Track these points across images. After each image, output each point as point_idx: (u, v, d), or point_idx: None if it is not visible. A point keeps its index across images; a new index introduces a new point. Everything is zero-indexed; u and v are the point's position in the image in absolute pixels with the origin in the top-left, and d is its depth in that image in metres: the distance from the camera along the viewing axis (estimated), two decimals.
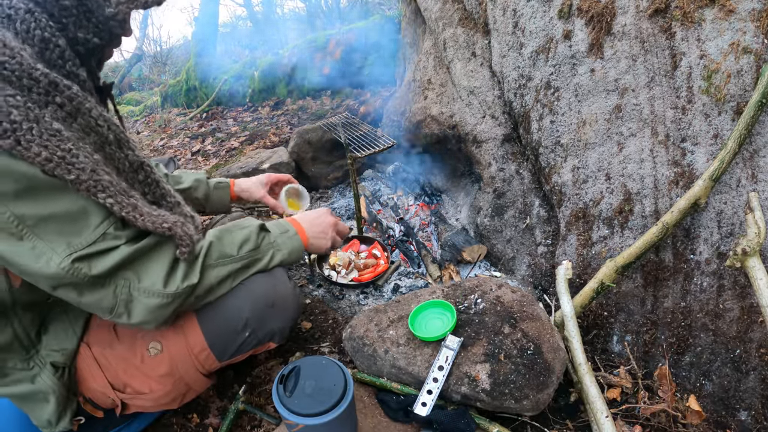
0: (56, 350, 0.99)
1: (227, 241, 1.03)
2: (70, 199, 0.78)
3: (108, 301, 0.84)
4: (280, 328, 1.18)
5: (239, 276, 1.05)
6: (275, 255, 1.10)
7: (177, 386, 1.12)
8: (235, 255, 1.02)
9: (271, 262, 1.10)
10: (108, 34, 0.88)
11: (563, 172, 1.66)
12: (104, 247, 0.81)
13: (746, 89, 1.25)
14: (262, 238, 1.09)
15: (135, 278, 0.85)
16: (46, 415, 1.01)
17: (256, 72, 4.63)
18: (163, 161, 1.75)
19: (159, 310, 0.88)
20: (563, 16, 1.65)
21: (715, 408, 1.27)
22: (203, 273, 0.95)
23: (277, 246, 1.11)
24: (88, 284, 0.81)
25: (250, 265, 1.06)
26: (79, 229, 0.79)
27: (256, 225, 1.10)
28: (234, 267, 1.02)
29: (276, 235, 1.12)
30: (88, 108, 0.81)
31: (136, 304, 0.86)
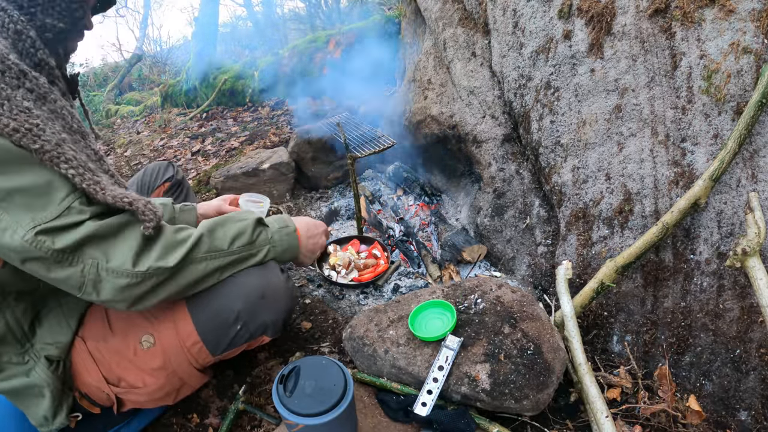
0: (50, 343, 1.00)
1: (219, 234, 1.01)
2: (37, 172, 0.79)
3: (75, 280, 0.84)
4: (272, 320, 1.18)
5: (228, 270, 1.04)
6: (269, 252, 1.10)
7: (171, 380, 1.12)
8: (225, 249, 1.01)
9: (265, 258, 1.09)
10: (71, 18, 0.94)
11: (563, 172, 1.66)
12: (68, 221, 0.81)
13: (746, 89, 1.25)
14: (258, 233, 1.08)
15: (103, 258, 0.84)
16: (42, 411, 1.01)
17: (256, 72, 4.63)
18: (162, 166, 1.75)
19: (128, 289, 0.87)
20: (563, 16, 1.65)
21: (715, 408, 1.27)
22: (189, 265, 0.94)
23: (273, 242, 1.10)
24: (53, 260, 0.81)
25: (241, 261, 1.05)
26: (44, 203, 0.80)
27: (253, 219, 1.08)
28: (223, 261, 1.01)
29: (274, 230, 1.11)
30: (53, 98, 0.87)
31: (104, 284, 0.85)
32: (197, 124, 4.52)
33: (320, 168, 2.83)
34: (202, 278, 0.99)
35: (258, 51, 7.72)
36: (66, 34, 0.95)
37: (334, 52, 3.96)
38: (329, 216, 2.58)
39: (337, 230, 2.42)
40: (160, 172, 1.72)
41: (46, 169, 0.80)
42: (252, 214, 1.10)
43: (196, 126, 4.48)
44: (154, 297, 0.92)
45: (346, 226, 2.46)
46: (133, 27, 13.97)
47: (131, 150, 4.26)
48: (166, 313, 1.10)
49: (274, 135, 3.59)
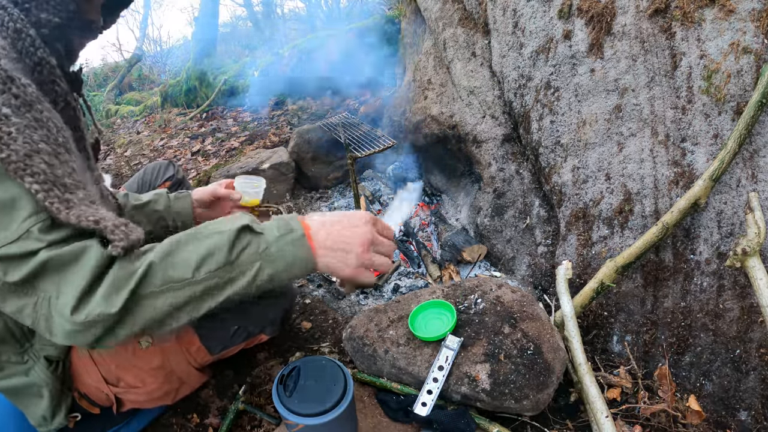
0: (50, 344, 0.99)
1: (179, 258, 0.77)
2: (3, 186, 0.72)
3: (28, 313, 0.74)
4: (270, 319, 1.18)
5: (203, 303, 0.79)
6: (261, 270, 0.80)
7: (169, 380, 1.12)
8: (189, 278, 0.76)
9: (256, 280, 0.80)
10: (65, 12, 0.89)
11: (563, 172, 1.66)
12: (23, 249, 0.71)
13: (746, 89, 1.25)
14: (243, 247, 0.79)
15: (54, 293, 0.72)
16: (41, 410, 1.01)
17: (256, 72, 4.63)
18: (162, 165, 1.74)
19: (76, 335, 0.73)
20: (563, 16, 1.65)
21: (715, 408, 1.27)
22: (140, 304, 0.74)
23: (268, 256, 0.80)
24: (6, 290, 0.73)
25: (219, 288, 0.78)
26: (6, 222, 0.71)
27: (234, 229, 0.80)
28: (192, 292, 0.77)
29: (271, 240, 0.81)
30: (40, 108, 0.80)
31: (55, 324, 0.73)
32: (197, 124, 4.52)
33: (320, 168, 2.83)
34: (169, 315, 0.77)
35: (258, 51, 7.72)
36: (63, 30, 0.91)
37: (334, 52, 3.96)
38: None
39: None
40: (160, 172, 1.72)
41: (14, 182, 0.72)
42: (234, 221, 0.82)
43: (196, 126, 4.48)
44: (112, 339, 0.76)
45: None
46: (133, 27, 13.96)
47: (131, 150, 4.26)
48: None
49: (274, 135, 3.59)
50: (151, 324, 0.77)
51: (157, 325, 0.77)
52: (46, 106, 0.83)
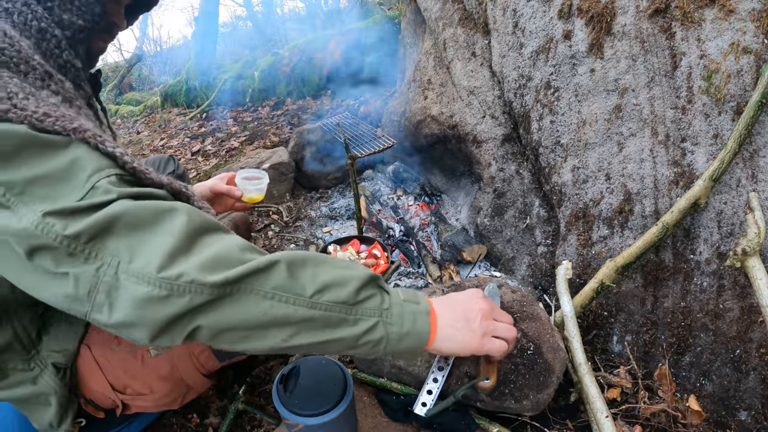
0: (57, 351, 0.98)
1: (304, 273, 0.69)
2: (64, 155, 0.65)
3: (86, 281, 0.61)
4: None
5: (302, 334, 0.68)
6: (377, 327, 0.71)
7: (177, 387, 1.12)
8: (305, 297, 0.67)
9: (367, 335, 0.70)
10: (90, 15, 0.85)
11: (563, 172, 1.66)
12: (89, 203, 0.62)
13: (746, 89, 1.25)
14: (368, 295, 0.72)
15: (126, 254, 0.61)
16: (48, 418, 1.01)
17: (256, 72, 4.63)
18: (163, 159, 1.73)
19: (148, 305, 0.60)
20: (563, 16, 1.65)
21: (715, 408, 1.27)
22: (244, 294, 0.64)
23: (388, 317, 0.72)
24: (64, 250, 0.61)
25: (324, 324, 0.68)
26: (69, 188, 0.63)
27: (368, 274, 0.74)
28: (297, 314, 0.66)
29: (395, 301, 0.74)
30: (79, 105, 0.78)
31: (121, 293, 0.61)
32: (197, 124, 4.52)
33: (320, 168, 2.83)
34: (262, 325, 0.65)
35: (258, 51, 7.72)
36: (87, 33, 0.86)
37: (334, 53, 3.96)
38: None
39: (337, 230, 2.42)
40: (161, 166, 1.70)
41: (80, 147, 0.66)
42: (366, 270, 0.74)
43: (196, 126, 4.48)
44: (185, 327, 0.63)
45: (346, 226, 2.46)
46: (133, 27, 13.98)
47: (131, 150, 4.26)
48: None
49: (274, 135, 3.59)
50: (237, 326, 0.65)
51: (243, 332, 0.66)
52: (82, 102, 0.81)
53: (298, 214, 2.58)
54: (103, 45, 0.94)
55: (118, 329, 0.63)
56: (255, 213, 2.60)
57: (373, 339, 0.71)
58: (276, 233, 2.37)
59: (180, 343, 0.64)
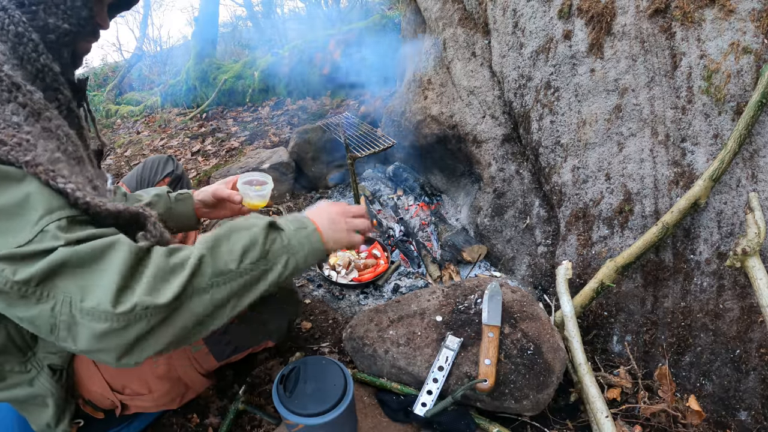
0: (53, 353, 0.98)
1: (224, 251, 0.78)
2: (16, 189, 0.66)
3: (44, 321, 0.65)
4: (277, 326, 1.18)
5: (244, 298, 0.79)
6: (289, 261, 0.85)
7: (176, 386, 1.12)
8: (234, 270, 0.77)
9: (284, 272, 0.84)
10: (76, 18, 0.85)
11: (563, 172, 1.66)
12: (37, 248, 0.64)
13: (746, 89, 1.25)
14: (273, 240, 0.84)
15: (78, 294, 0.65)
16: (46, 418, 1.00)
17: (256, 72, 4.63)
18: (162, 159, 1.72)
19: (109, 337, 0.65)
20: (563, 16, 1.65)
21: (715, 408, 1.27)
22: (191, 298, 0.72)
23: (292, 249, 0.86)
24: (16, 294, 0.64)
25: (256, 281, 0.80)
26: (19, 227, 0.65)
27: (263, 223, 0.85)
28: (234, 286, 0.77)
29: (290, 234, 0.87)
30: (48, 116, 0.77)
31: (80, 329, 0.65)
32: (197, 124, 4.52)
33: (320, 168, 2.83)
34: (212, 313, 0.75)
35: (258, 51, 7.72)
36: (72, 36, 0.86)
37: (334, 53, 3.96)
38: None
39: None
40: (160, 167, 1.68)
41: (33, 183, 0.67)
42: (261, 219, 0.87)
43: (196, 126, 4.48)
44: (147, 347, 0.69)
45: None
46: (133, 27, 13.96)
47: (131, 150, 4.26)
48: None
49: (274, 135, 3.59)
50: (191, 327, 0.73)
51: (197, 329, 0.74)
52: (54, 113, 0.80)
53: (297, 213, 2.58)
54: (88, 46, 0.94)
55: (86, 354, 0.68)
56: None
57: (289, 271, 0.84)
58: None
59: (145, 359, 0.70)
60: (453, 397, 1.14)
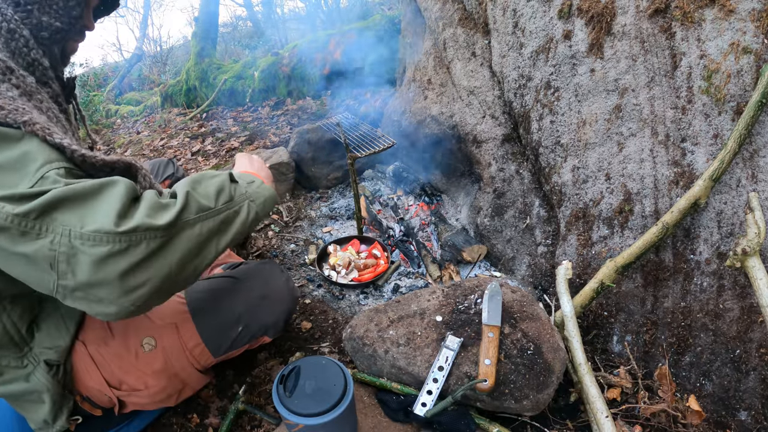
0: (49, 348, 0.98)
1: (202, 190, 0.85)
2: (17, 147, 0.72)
3: (45, 256, 0.67)
4: (273, 321, 1.19)
5: (223, 235, 0.86)
6: (251, 207, 0.94)
7: (172, 382, 1.12)
8: (213, 207, 0.84)
9: (248, 215, 0.93)
10: (68, 17, 0.91)
11: (563, 172, 1.66)
12: (38, 189, 0.68)
13: (746, 89, 1.25)
14: (234, 188, 0.93)
15: (77, 223, 0.67)
16: (42, 414, 1.01)
17: (256, 72, 4.63)
18: (162, 162, 1.73)
19: (112, 261, 0.67)
20: (563, 16, 1.65)
21: (715, 408, 1.27)
22: (184, 229, 0.77)
23: (250, 196, 0.96)
24: (17, 229, 0.66)
25: (228, 220, 0.88)
26: (19, 178, 0.69)
27: (225, 174, 0.94)
28: (215, 222, 0.84)
29: (244, 186, 0.97)
30: (40, 98, 0.83)
31: (80, 258, 0.67)
32: (197, 124, 4.52)
33: (320, 168, 2.83)
34: (201, 246, 0.81)
35: (258, 51, 7.72)
36: (63, 34, 0.92)
37: (334, 53, 3.96)
38: None
39: (337, 230, 2.42)
40: (159, 170, 1.70)
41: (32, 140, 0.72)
42: (221, 172, 0.95)
43: (196, 126, 4.48)
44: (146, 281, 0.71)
45: (346, 226, 2.46)
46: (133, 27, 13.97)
47: (131, 150, 4.26)
48: (167, 315, 1.10)
49: (274, 135, 3.59)
50: (187, 258, 0.77)
51: (192, 261, 0.79)
52: (45, 96, 0.86)
53: (298, 214, 2.58)
54: (75, 46, 1.00)
55: (85, 291, 0.69)
56: None
57: (253, 215, 0.94)
58: (276, 233, 2.37)
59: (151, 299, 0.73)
60: (453, 397, 1.14)
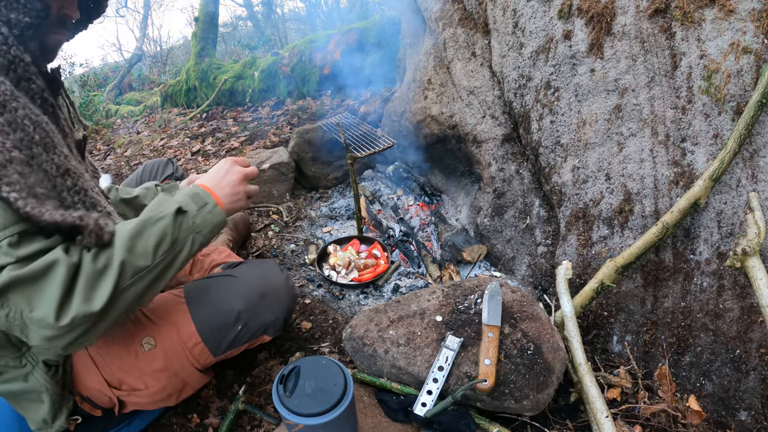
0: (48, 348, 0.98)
1: (140, 251, 0.86)
2: None
3: (2, 322, 0.77)
4: (272, 320, 1.19)
5: (159, 283, 0.90)
6: (195, 240, 0.94)
7: (172, 382, 1.12)
8: (150, 264, 0.86)
9: (192, 249, 0.93)
10: (35, 11, 0.88)
11: (563, 172, 1.66)
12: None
13: (746, 89, 1.25)
14: (179, 224, 0.91)
15: (27, 306, 0.76)
16: (41, 414, 1.01)
17: (256, 72, 4.63)
18: (161, 162, 1.74)
19: (56, 339, 0.79)
20: (563, 16, 1.65)
21: (715, 408, 1.27)
22: (118, 299, 0.82)
23: (197, 228, 0.94)
24: None
25: (169, 266, 0.90)
26: None
27: (172, 211, 0.91)
28: (152, 277, 0.87)
29: (194, 214, 0.94)
30: (15, 107, 0.80)
31: (31, 331, 0.78)
32: (197, 124, 4.52)
33: (320, 168, 2.83)
34: (134, 303, 0.87)
35: (258, 51, 7.72)
36: (34, 29, 0.89)
37: (334, 53, 3.96)
38: None
39: (337, 230, 2.42)
40: (159, 170, 1.71)
41: None
42: (170, 205, 0.92)
43: (196, 126, 4.48)
44: (88, 339, 0.83)
45: (346, 226, 2.46)
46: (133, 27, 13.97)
47: (131, 150, 4.26)
48: (166, 314, 1.10)
49: (274, 135, 3.59)
50: (119, 316, 0.85)
51: (123, 315, 0.86)
52: (21, 102, 0.82)
53: (298, 214, 2.58)
54: (58, 38, 0.95)
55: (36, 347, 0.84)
56: (255, 213, 2.60)
57: (196, 248, 0.93)
58: (276, 233, 2.37)
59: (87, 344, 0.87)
60: (453, 397, 1.14)
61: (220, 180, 1.04)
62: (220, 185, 1.03)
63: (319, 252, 2.07)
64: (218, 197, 1.00)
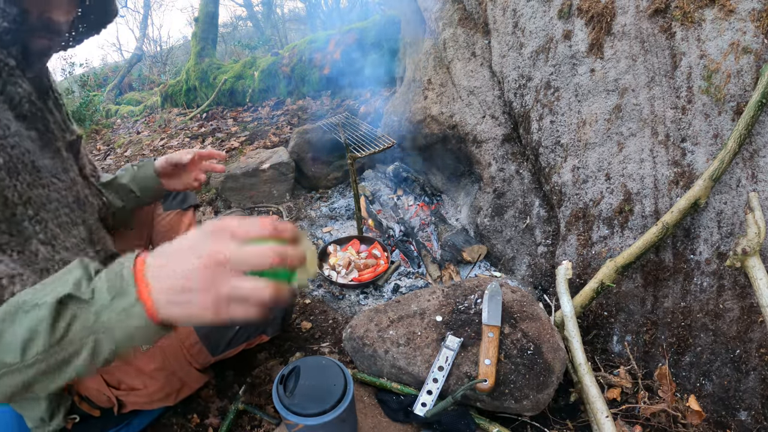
0: None
1: (5, 342, 0.60)
2: None
3: None
4: (270, 319, 1.18)
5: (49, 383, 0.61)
6: (99, 344, 0.59)
7: (170, 381, 1.12)
8: (18, 363, 0.59)
9: (96, 355, 0.59)
10: (12, 16, 0.84)
11: (563, 172, 1.66)
12: None
13: (746, 89, 1.25)
14: (68, 322, 0.59)
15: None
16: (39, 412, 1.01)
17: (256, 72, 4.63)
18: None
19: None
20: (563, 16, 1.65)
21: (715, 408, 1.27)
22: None
23: (101, 328, 0.58)
24: None
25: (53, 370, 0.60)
26: None
27: (54, 301, 0.58)
28: (27, 376, 0.59)
29: (102, 305, 0.58)
30: None
31: None
32: (197, 124, 4.52)
33: (320, 168, 2.83)
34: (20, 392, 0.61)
35: (258, 51, 7.73)
36: (13, 34, 0.86)
37: (334, 53, 3.96)
38: None
39: (337, 230, 2.42)
40: None
41: None
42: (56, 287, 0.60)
43: (196, 126, 4.48)
44: None
45: (346, 226, 2.46)
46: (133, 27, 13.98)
47: (131, 150, 4.26)
48: None
49: (274, 135, 3.59)
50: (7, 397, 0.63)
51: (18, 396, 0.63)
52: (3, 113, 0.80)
53: (298, 214, 2.58)
54: (44, 42, 0.91)
55: None
56: (255, 213, 2.60)
57: (106, 354, 0.60)
58: None
59: None
60: (453, 397, 1.14)
61: (168, 260, 0.59)
62: (163, 270, 0.58)
63: (319, 252, 2.07)
64: (150, 290, 0.58)
